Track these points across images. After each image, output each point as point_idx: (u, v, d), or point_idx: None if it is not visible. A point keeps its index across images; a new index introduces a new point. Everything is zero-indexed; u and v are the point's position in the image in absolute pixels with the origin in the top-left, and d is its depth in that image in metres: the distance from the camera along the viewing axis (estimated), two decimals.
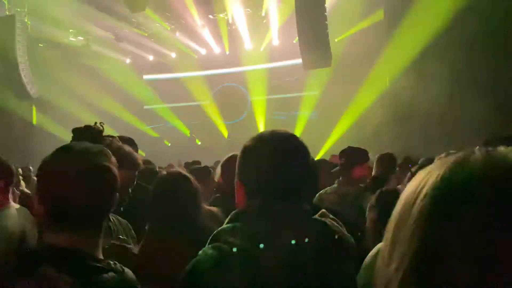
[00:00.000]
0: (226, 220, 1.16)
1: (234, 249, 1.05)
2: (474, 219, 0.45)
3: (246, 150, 1.21)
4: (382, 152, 3.88)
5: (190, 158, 7.02)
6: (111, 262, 1.17)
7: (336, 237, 1.13)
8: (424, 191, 0.49)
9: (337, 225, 1.18)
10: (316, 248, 1.08)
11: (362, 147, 3.49)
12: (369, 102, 11.23)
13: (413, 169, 2.23)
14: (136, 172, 1.91)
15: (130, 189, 1.84)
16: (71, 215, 1.13)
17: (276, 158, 1.16)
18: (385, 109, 10.46)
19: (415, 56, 9.06)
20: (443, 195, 0.48)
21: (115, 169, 1.20)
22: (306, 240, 1.08)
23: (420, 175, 0.53)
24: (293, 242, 1.06)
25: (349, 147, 3.40)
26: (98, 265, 1.12)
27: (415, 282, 0.47)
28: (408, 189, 0.53)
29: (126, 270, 1.20)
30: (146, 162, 4.17)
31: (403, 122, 9.12)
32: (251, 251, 1.05)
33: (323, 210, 1.23)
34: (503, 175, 0.46)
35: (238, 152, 1.25)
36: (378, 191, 2.28)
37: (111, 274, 1.13)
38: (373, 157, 3.81)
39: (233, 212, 1.17)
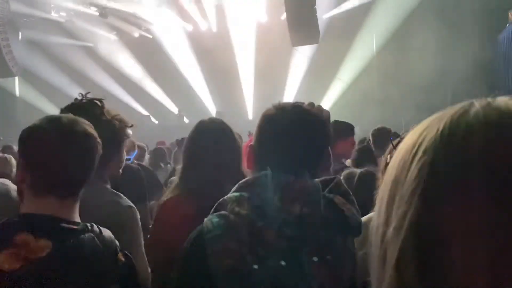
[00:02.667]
0: (234, 188, 1.15)
1: (242, 217, 1.05)
2: (477, 175, 0.42)
3: (265, 118, 1.20)
4: (368, 126, 3.81)
5: (179, 136, 7.00)
6: (88, 224, 1.19)
7: (342, 214, 1.12)
8: (423, 147, 0.46)
9: (346, 201, 1.16)
10: (320, 223, 1.08)
11: (348, 121, 3.37)
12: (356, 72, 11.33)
13: (394, 142, 2.26)
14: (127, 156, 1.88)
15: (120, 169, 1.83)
16: (55, 182, 1.15)
17: (293, 130, 1.14)
18: (371, 78, 10.57)
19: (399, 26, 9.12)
20: (444, 150, 0.45)
21: (97, 139, 1.21)
22: (309, 213, 1.07)
23: (417, 131, 0.49)
24: (295, 215, 1.06)
25: (334, 121, 3.22)
26: (75, 227, 1.14)
27: (417, 242, 0.44)
28: (405, 146, 0.49)
29: (104, 230, 1.22)
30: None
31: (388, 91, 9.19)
32: (256, 222, 1.05)
33: (337, 181, 1.20)
34: (505, 123, 0.44)
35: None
36: (357, 174, 2.29)
37: (88, 235, 1.15)
38: (360, 131, 3.76)
39: (241, 181, 1.16)
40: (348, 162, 3.34)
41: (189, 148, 1.85)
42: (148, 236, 1.89)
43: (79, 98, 1.67)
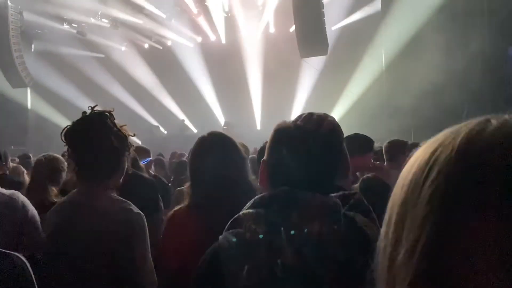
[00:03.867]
0: (248, 204, 1.10)
1: (261, 236, 1.01)
2: (497, 199, 0.39)
3: (278, 132, 1.16)
4: (378, 138, 3.75)
5: (186, 146, 7.03)
6: None
7: (363, 233, 1.06)
8: (437, 167, 0.43)
9: (367, 219, 1.10)
10: (340, 243, 1.03)
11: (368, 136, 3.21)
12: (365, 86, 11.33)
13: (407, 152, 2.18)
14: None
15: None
16: None
17: (307, 145, 1.09)
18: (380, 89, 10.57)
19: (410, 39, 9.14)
20: (460, 173, 0.42)
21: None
22: (329, 233, 1.02)
23: (429, 148, 0.46)
24: (315, 235, 1.01)
25: (354, 134, 3.12)
26: None
27: (431, 268, 0.42)
28: (416, 164, 0.46)
29: None
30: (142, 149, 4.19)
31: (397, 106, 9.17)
32: (274, 241, 1.00)
33: (358, 198, 1.14)
34: None
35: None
36: (360, 179, 2.29)
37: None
38: (379, 147, 3.65)
39: (257, 197, 1.11)
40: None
41: (192, 164, 1.88)
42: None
43: (89, 110, 1.73)
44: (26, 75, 11.14)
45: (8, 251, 1.17)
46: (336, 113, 11.93)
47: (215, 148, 1.83)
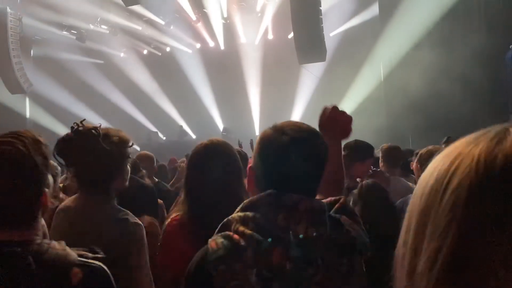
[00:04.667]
0: (238, 208, 1.13)
1: (248, 238, 1.04)
2: None
3: (263, 139, 1.20)
4: (378, 144, 3.75)
5: (184, 152, 7.01)
6: (36, 243, 1.15)
7: (348, 235, 1.10)
8: (457, 178, 0.43)
9: (352, 221, 1.14)
10: (326, 244, 1.07)
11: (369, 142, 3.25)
12: (364, 95, 11.33)
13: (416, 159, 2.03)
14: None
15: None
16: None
17: (292, 150, 1.13)
18: (379, 102, 10.56)
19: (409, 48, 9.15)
20: (482, 184, 0.42)
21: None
22: (315, 234, 1.06)
23: (447, 157, 0.46)
24: (301, 236, 1.05)
25: (354, 141, 3.14)
26: (18, 249, 1.11)
27: (453, 277, 0.42)
28: (435, 173, 0.46)
29: (52, 247, 1.16)
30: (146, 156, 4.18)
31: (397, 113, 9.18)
32: (261, 242, 1.03)
33: (343, 201, 1.19)
34: None
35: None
36: (360, 184, 2.29)
37: (24, 256, 1.11)
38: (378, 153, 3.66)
39: (245, 200, 1.14)
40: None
41: (188, 174, 1.87)
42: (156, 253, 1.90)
43: (75, 127, 1.70)
44: (25, 81, 11.14)
45: (92, 262, 1.19)
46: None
47: (215, 158, 1.81)
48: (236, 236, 1.05)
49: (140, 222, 1.75)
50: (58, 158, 1.66)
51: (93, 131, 1.70)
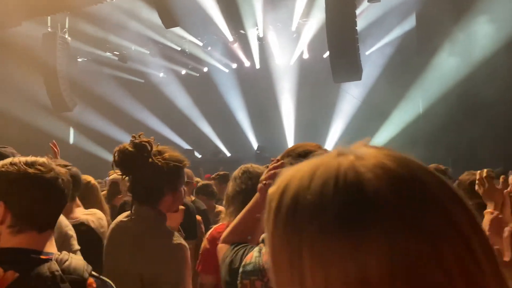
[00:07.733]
0: None
1: None
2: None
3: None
4: None
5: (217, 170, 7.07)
6: (59, 253, 1.27)
7: None
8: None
9: None
10: None
11: None
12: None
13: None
14: None
15: None
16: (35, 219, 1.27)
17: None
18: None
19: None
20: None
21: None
22: None
23: None
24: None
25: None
26: (44, 257, 1.23)
27: None
28: None
29: (73, 258, 1.27)
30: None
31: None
32: None
33: None
34: None
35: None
36: None
37: (50, 264, 1.21)
38: None
39: None
40: None
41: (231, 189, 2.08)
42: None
43: (132, 139, 1.83)
44: (70, 100, 11.67)
45: (104, 277, 1.31)
46: (379, 141, 11.66)
47: (249, 176, 2.03)
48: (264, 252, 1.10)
49: (185, 243, 1.79)
50: (115, 168, 1.80)
51: (146, 144, 1.80)
